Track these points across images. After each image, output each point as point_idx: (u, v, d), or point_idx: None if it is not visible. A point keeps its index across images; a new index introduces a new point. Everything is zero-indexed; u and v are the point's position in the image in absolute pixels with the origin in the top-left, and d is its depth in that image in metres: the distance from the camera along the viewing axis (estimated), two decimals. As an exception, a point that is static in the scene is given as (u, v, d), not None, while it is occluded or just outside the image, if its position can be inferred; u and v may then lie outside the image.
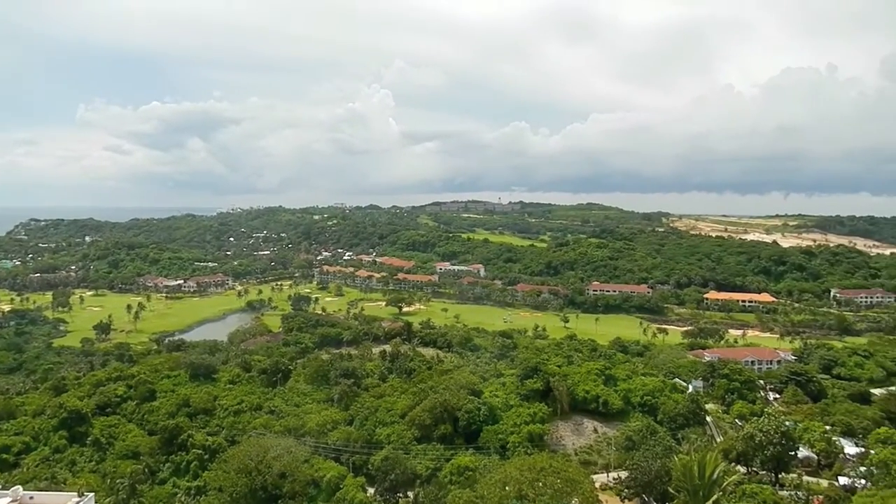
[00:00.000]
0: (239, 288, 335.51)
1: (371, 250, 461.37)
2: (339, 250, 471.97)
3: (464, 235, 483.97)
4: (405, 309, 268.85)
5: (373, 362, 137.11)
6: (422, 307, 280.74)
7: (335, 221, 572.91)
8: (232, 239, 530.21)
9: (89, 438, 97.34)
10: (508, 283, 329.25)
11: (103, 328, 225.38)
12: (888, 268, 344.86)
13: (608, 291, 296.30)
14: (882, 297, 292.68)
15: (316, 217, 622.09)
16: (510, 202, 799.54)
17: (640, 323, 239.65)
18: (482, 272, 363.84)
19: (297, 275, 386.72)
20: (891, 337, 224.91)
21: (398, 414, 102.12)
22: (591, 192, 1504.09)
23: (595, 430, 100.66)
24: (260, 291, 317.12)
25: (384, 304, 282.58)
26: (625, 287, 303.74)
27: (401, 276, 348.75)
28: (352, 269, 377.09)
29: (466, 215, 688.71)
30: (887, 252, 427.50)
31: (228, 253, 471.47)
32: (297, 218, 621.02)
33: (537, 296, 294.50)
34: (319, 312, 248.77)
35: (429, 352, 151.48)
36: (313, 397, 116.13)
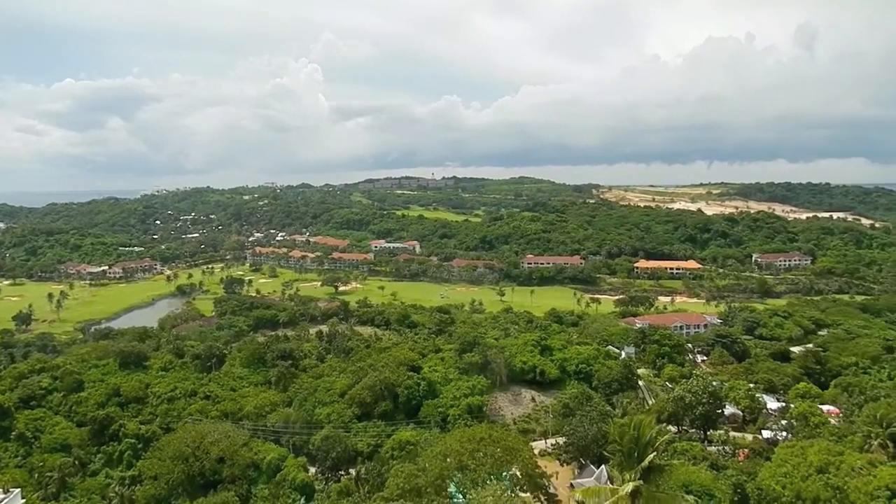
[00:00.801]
0: (168, 272, 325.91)
1: (304, 230, 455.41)
2: (272, 231, 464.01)
3: (398, 212, 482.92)
4: (341, 288, 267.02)
5: (310, 343, 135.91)
6: (358, 286, 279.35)
7: (266, 201, 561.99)
8: (158, 222, 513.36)
9: (13, 433, 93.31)
10: (444, 258, 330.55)
11: (23, 318, 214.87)
12: (804, 232, 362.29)
13: (542, 264, 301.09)
14: (799, 261, 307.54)
15: (246, 197, 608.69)
16: (444, 177, 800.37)
17: (574, 293, 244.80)
18: (418, 249, 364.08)
19: (228, 257, 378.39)
20: (807, 297, 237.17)
21: (337, 393, 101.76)
22: (523, 166, 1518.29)
23: (533, 400, 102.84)
24: (190, 275, 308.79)
25: (320, 284, 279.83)
26: (558, 259, 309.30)
27: (336, 255, 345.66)
28: (285, 250, 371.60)
29: (400, 192, 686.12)
30: (803, 216, 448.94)
31: (155, 237, 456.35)
32: (226, 199, 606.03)
33: (473, 270, 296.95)
34: (253, 295, 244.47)
35: (367, 330, 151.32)
36: (250, 380, 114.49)
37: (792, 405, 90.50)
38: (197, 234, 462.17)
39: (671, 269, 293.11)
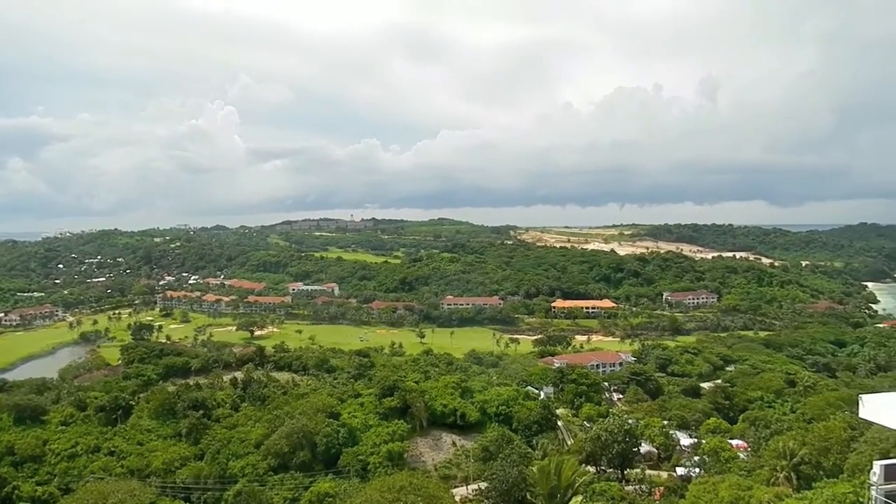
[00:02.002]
0: (71, 319, 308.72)
1: (219, 273, 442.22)
2: (184, 274, 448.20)
3: (317, 254, 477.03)
4: (257, 332, 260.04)
5: (224, 391, 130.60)
6: (275, 330, 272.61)
7: (179, 244, 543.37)
8: (61, 266, 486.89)
9: None
10: (363, 300, 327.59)
11: None
12: (710, 270, 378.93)
13: (462, 305, 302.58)
14: (706, 298, 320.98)
15: (157, 240, 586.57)
16: (363, 219, 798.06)
17: (494, 334, 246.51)
18: (337, 291, 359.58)
19: (137, 302, 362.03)
20: (715, 334, 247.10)
21: (253, 444, 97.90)
22: (442, 208, 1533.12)
23: (454, 444, 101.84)
24: (95, 322, 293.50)
25: (235, 328, 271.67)
26: (477, 300, 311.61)
27: (252, 298, 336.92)
28: (198, 294, 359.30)
29: (319, 233, 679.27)
30: (709, 256, 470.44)
31: (57, 281, 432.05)
32: (135, 241, 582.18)
33: (393, 312, 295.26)
34: (164, 341, 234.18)
35: (284, 376, 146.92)
36: (159, 433, 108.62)
37: (703, 441, 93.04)
38: (103, 279, 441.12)
39: (587, 308, 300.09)
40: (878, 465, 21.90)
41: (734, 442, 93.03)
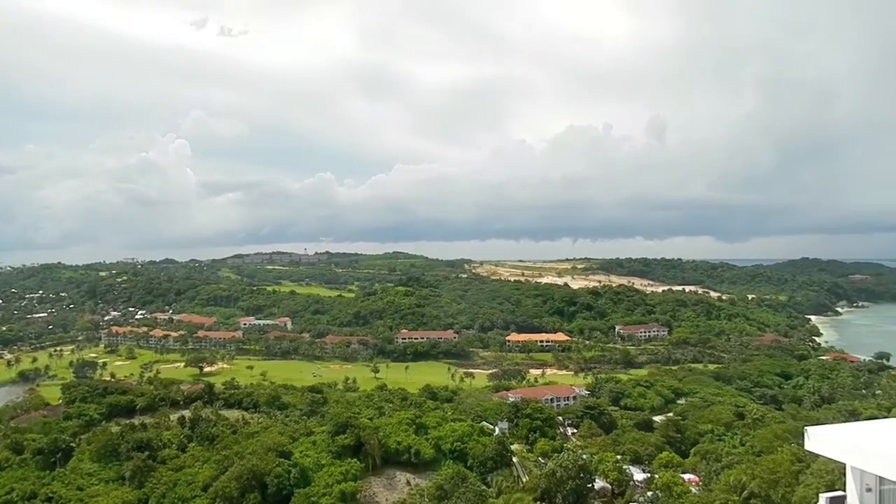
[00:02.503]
0: (8, 356, 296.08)
1: (167, 308, 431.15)
2: (131, 309, 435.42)
3: (269, 288, 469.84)
4: (207, 369, 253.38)
5: (171, 430, 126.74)
6: (225, 366, 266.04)
7: (125, 278, 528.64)
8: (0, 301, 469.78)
9: None
10: (317, 335, 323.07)
11: None
12: (661, 304, 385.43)
13: (417, 339, 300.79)
14: (657, 331, 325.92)
15: (103, 274, 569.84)
16: (317, 252, 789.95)
17: (449, 368, 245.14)
18: (289, 325, 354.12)
19: (80, 338, 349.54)
20: (666, 367, 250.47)
21: (200, 487, 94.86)
22: (397, 241, 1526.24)
23: (408, 483, 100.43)
24: (35, 359, 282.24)
25: (183, 364, 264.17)
26: (432, 333, 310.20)
27: (201, 333, 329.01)
28: (145, 329, 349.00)
29: (271, 267, 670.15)
30: (659, 290, 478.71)
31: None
32: (80, 275, 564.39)
33: (347, 347, 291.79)
34: (108, 379, 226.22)
35: (234, 414, 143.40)
36: (101, 476, 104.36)
37: (656, 475, 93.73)
38: (45, 314, 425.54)
39: (541, 341, 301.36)
40: (823, 498, 22.33)
41: (686, 476, 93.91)
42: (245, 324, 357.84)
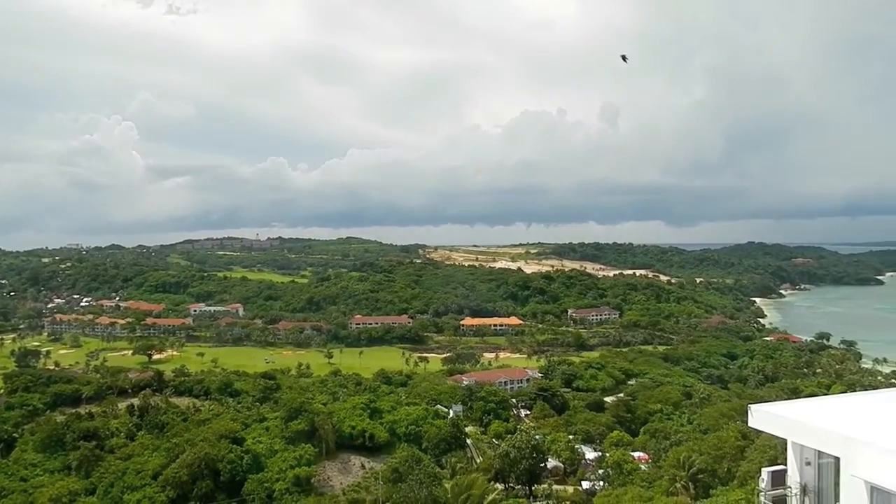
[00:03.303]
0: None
1: (114, 294, 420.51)
2: (76, 296, 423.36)
3: (220, 274, 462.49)
4: (156, 356, 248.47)
5: (119, 419, 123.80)
6: (175, 353, 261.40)
7: (70, 264, 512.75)
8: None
9: None
10: (269, 321, 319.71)
11: None
12: (612, 288, 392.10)
13: (371, 324, 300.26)
14: (609, 315, 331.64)
15: (46, 260, 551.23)
16: (269, 238, 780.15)
17: (403, 353, 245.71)
18: (241, 312, 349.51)
19: (22, 326, 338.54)
20: (617, 349, 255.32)
21: (150, 475, 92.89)
22: (351, 227, 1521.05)
23: (363, 466, 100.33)
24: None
25: (131, 352, 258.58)
26: (387, 319, 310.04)
27: (150, 320, 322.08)
28: (91, 317, 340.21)
29: (222, 253, 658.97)
30: (611, 274, 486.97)
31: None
32: (20, 262, 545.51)
33: (300, 333, 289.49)
34: (52, 368, 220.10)
35: (184, 401, 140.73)
36: (45, 467, 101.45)
37: (607, 454, 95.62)
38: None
39: (495, 325, 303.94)
40: (765, 472, 22.98)
41: (636, 454, 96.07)
42: (195, 310, 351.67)
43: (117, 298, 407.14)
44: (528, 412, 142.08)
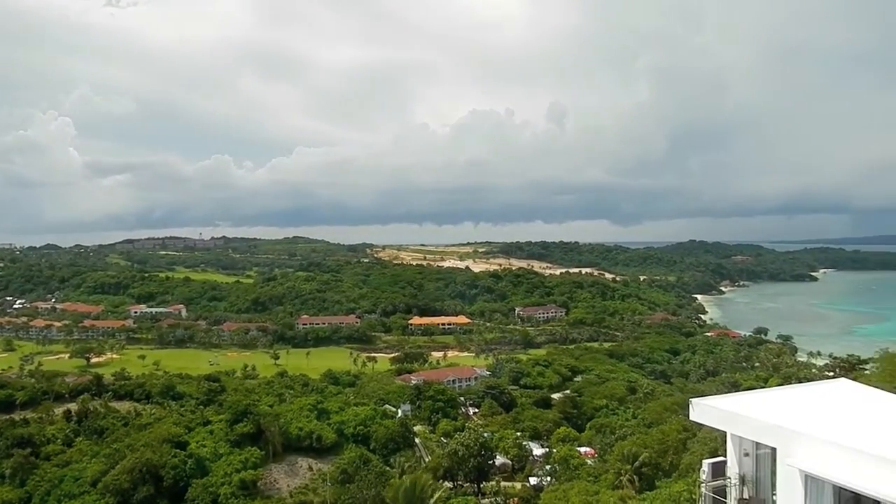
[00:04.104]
0: None
1: (50, 296, 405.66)
2: (9, 298, 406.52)
3: (162, 275, 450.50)
4: (94, 360, 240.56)
5: (55, 425, 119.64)
6: (115, 356, 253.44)
7: (2, 265, 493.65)
8: None
9: None
10: (214, 322, 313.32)
11: None
12: (559, 286, 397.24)
13: (318, 324, 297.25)
14: (555, 313, 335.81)
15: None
16: (213, 237, 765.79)
17: (351, 353, 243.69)
18: (184, 313, 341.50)
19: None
20: (564, 346, 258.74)
21: (89, 482, 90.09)
22: (298, 226, 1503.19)
23: (310, 468, 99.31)
24: None
25: (68, 356, 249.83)
26: (334, 318, 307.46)
27: (88, 323, 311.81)
28: (25, 319, 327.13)
29: (164, 253, 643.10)
30: (558, 272, 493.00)
31: None
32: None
33: (245, 334, 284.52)
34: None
35: (125, 405, 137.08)
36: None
37: (554, 450, 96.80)
38: None
39: (443, 324, 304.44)
40: (706, 464, 23.55)
41: (582, 449, 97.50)
42: (136, 312, 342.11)
43: (53, 300, 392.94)
44: (477, 410, 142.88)
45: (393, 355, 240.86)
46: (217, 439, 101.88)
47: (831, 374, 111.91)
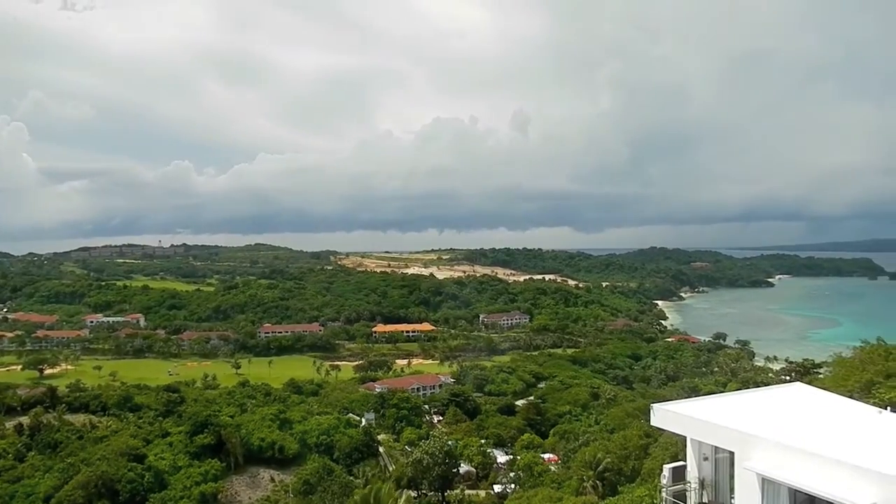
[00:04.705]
0: None
1: (1, 306, 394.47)
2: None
3: (119, 283, 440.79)
4: (48, 371, 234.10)
5: (6, 439, 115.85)
6: (70, 367, 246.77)
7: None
8: None
9: None
10: (173, 331, 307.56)
11: None
12: (523, 292, 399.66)
13: (281, 332, 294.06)
14: (519, 319, 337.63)
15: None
16: (172, 245, 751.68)
17: (314, 362, 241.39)
18: (142, 322, 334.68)
19: None
20: (528, 353, 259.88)
21: (42, 498, 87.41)
22: (260, 233, 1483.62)
23: (272, 480, 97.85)
24: None
25: (20, 367, 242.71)
26: (297, 327, 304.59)
27: (41, 333, 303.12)
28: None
29: (122, 261, 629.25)
30: (521, 279, 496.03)
31: None
32: None
33: (206, 343, 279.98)
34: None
35: (80, 418, 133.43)
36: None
37: (518, 457, 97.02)
38: None
39: (407, 332, 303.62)
40: (666, 468, 23.79)
41: (546, 455, 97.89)
42: (92, 321, 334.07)
43: (5, 310, 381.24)
44: (441, 418, 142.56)
45: (357, 363, 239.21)
46: (176, 451, 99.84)
47: (787, 378, 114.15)
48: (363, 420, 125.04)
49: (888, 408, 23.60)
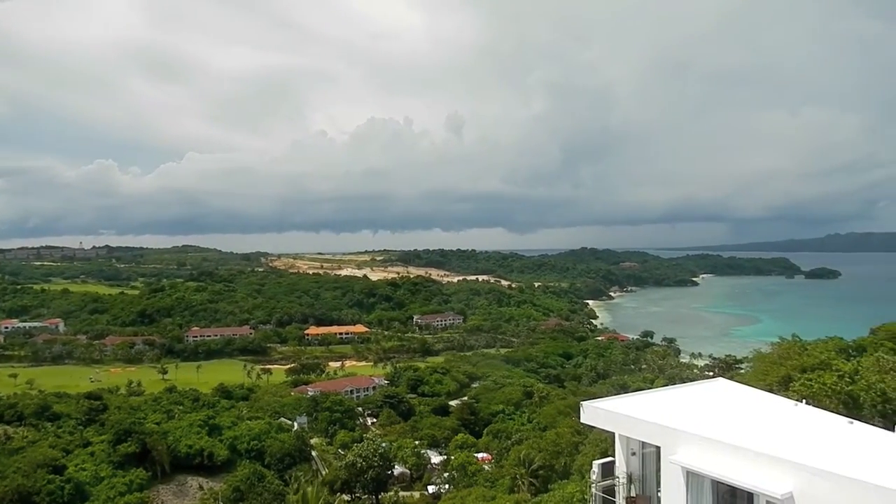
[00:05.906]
0: None
1: None
2: None
3: (36, 286, 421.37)
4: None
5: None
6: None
7: None
8: None
9: None
10: (95, 336, 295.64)
11: None
12: (456, 293, 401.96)
13: (209, 336, 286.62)
14: (453, 320, 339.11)
15: None
16: (94, 247, 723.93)
17: (245, 365, 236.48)
18: (62, 327, 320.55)
19: None
20: (462, 353, 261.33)
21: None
22: (188, 234, 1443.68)
23: (201, 488, 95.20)
24: None
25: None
26: (227, 330, 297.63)
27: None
28: None
29: (40, 263, 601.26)
30: (455, 280, 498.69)
31: None
32: None
33: (130, 348, 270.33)
34: None
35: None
36: None
37: (452, 457, 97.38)
38: None
39: (341, 334, 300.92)
40: (596, 464, 24.27)
41: (480, 455, 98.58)
42: (7, 327, 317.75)
43: None
44: (375, 420, 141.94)
45: (289, 366, 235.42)
46: (98, 461, 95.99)
47: (711, 374, 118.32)
48: (295, 424, 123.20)
49: (804, 400, 24.71)
